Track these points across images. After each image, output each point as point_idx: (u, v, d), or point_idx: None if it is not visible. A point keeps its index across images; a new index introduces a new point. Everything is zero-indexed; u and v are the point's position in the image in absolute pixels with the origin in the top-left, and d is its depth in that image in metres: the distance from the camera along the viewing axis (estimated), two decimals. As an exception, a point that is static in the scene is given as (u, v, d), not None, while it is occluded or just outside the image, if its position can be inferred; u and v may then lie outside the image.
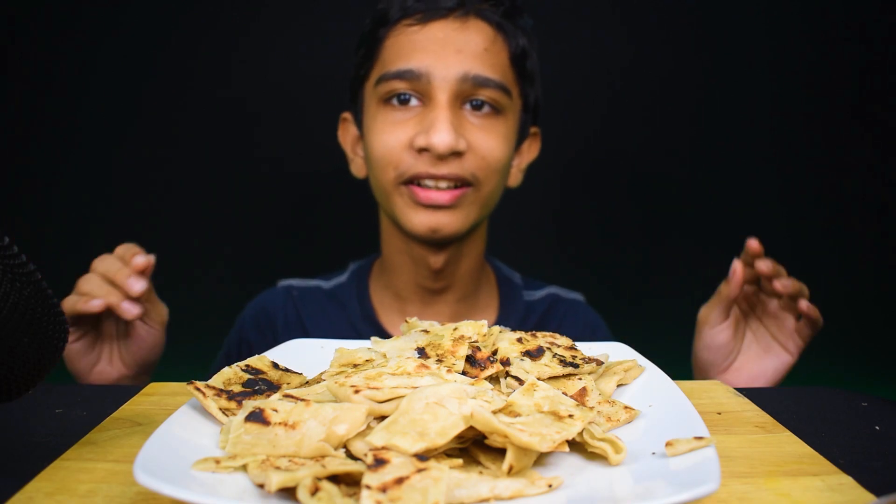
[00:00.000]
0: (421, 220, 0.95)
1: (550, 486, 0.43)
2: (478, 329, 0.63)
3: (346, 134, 1.09)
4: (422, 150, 0.93)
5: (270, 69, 1.50)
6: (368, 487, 0.39)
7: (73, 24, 1.49)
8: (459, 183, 0.95)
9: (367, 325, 1.07)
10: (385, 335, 1.05)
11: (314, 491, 0.40)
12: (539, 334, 0.65)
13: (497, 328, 0.66)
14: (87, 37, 1.50)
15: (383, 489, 0.39)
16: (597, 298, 1.20)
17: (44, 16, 1.46)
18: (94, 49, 1.50)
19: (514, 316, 1.09)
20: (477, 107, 0.95)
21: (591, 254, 1.60)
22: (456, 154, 0.93)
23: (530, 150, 1.09)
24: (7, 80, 1.51)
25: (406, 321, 0.68)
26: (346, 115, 1.09)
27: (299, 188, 1.49)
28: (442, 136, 0.90)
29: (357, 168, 1.07)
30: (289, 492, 0.41)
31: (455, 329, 0.63)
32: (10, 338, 0.48)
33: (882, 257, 1.56)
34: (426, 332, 0.64)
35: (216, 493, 0.41)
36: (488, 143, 0.95)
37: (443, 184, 0.94)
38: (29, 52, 1.50)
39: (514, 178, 1.07)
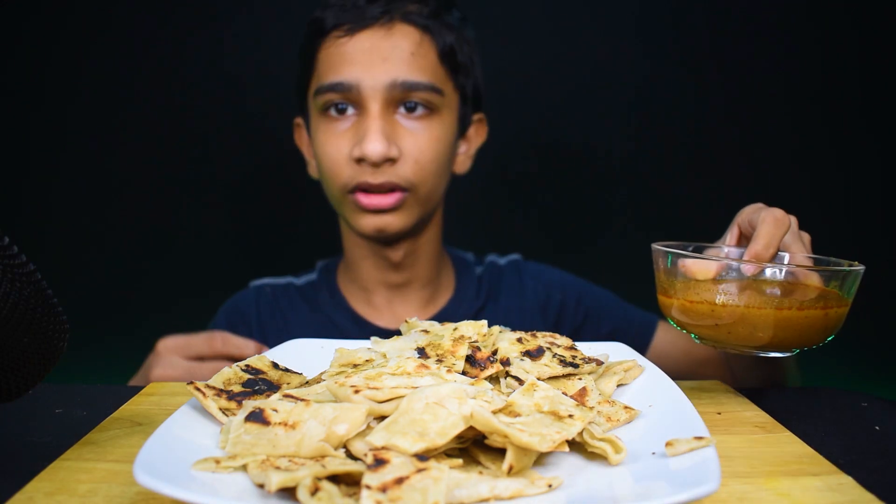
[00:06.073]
0: (368, 223, 1.00)
1: (550, 486, 0.43)
2: (478, 329, 0.63)
3: (301, 138, 1.14)
4: (360, 160, 0.97)
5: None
6: (368, 487, 0.39)
7: (59, 28, 1.49)
8: (396, 189, 0.99)
9: (341, 312, 1.10)
10: (361, 322, 1.09)
11: (314, 491, 0.40)
12: (539, 334, 0.66)
13: (497, 328, 0.66)
14: (81, 38, 1.50)
15: (383, 489, 0.39)
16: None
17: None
18: (83, 49, 1.50)
19: (469, 288, 1.14)
20: (411, 109, 0.99)
21: (589, 252, 1.61)
22: (390, 161, 0.97)
23: (477, 136, 1.13)
24: (5, 79, 1.51)
25: (406, 321, 0.68)
26: (299, 120, 1.13)
27: (297, 184, 1.49)
28: (374, 146, 0.94)
29: (313, 170, 1.11)
30: (289, 492, 0.41)
31: (455, 329, 0.63)
32: (10, 338, 0.48)
33: (882, 257, 1.56)
34: (426, 332, 0.64)
35: (216, 493, 0.41)
36: (419, 146, 0.99)
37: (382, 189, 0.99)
38: (27, 52, 1.50)
39: (462, 165, 1.11)
